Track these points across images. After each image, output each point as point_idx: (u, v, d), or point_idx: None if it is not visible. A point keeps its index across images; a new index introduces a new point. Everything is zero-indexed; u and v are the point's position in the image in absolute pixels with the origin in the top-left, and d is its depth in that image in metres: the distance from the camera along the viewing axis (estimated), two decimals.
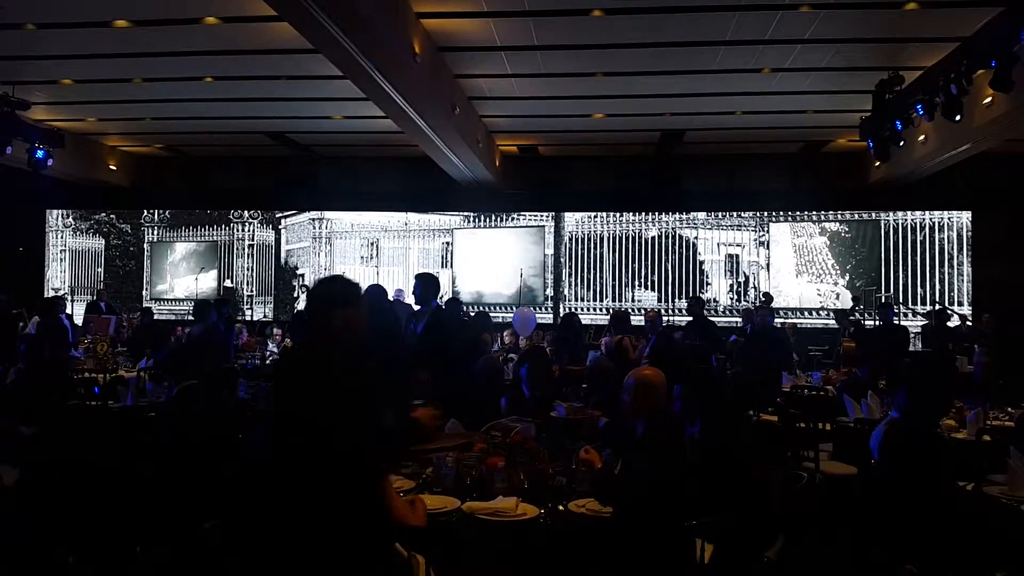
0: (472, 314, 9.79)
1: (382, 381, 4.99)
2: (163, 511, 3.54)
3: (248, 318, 14.40)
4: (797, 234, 13.73)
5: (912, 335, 12.17)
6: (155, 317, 12.33)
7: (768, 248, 13.81)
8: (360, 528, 2.69)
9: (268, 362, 9.39)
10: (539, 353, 5.58)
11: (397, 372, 5.09)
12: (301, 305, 14.21)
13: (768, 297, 12.73)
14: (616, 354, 7.82)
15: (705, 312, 10.44)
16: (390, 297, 10.85)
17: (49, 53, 9.18)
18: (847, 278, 13.50)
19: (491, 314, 10.71)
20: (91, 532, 3.54)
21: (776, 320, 11.11)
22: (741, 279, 13.90)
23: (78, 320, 12.18)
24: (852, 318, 11.40)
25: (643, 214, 14.09)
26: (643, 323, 9.52)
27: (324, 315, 2.81)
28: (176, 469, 3.64)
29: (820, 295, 13.60)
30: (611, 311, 13.56)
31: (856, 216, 13.60)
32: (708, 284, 13.93)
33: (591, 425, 4.52)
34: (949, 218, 13.30)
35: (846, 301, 13.03)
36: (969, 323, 11.65)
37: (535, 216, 14.35)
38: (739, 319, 11.92)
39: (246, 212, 15.04)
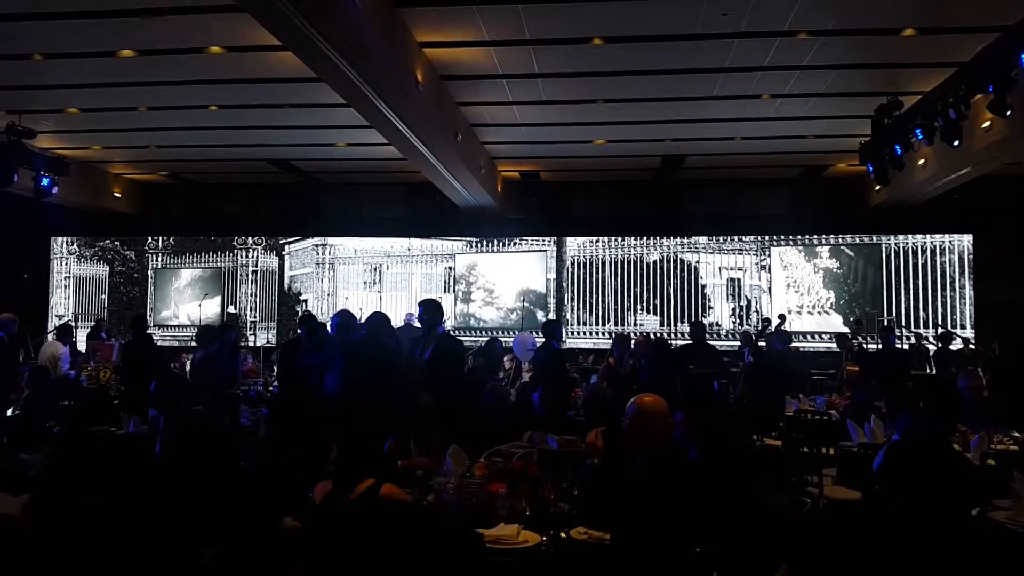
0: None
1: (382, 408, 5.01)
2: (163, 538, 3.53)
3: (251, 344, 14.40)
4: (798, 258, 13.76)
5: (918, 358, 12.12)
6: (157, 344, 12.21)
7: (770, 272, 13.83)
8: None
9: (271, 389, 9.36)
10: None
11: (396, 399, 5.11)
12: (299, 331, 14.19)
13: (768, 322, 12.68)
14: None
15: (706, 336, 10.43)
16: (401, 321, 10.91)
17: (56, 83, 9.27)
18: (844, 302, 13.50)
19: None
20: (91, 560, 3.53)
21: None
22: (743, 303, 13.90)
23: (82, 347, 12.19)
24: (855, 341, 11.37)
25: (645, 238, 14.13)
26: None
27: None
28: (176, 496, 3.63)
29: (815, 314, 13.59)
30: (613, 335, 13.64)
31: (857, 240, 13.63)
32: (710, 308, 13.92)
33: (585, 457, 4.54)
34: (950, 241, 13.31)
35: (840, 325, 13.04)
36: (972, 346, 11.62)
37: (537, 241, 14.39)
38: (739, 342, 11.87)
39: (250, 239, 15.11)
